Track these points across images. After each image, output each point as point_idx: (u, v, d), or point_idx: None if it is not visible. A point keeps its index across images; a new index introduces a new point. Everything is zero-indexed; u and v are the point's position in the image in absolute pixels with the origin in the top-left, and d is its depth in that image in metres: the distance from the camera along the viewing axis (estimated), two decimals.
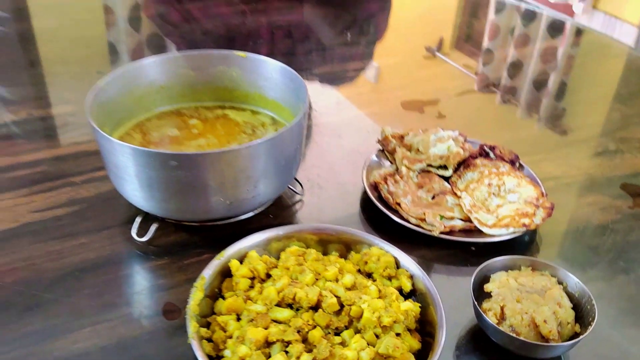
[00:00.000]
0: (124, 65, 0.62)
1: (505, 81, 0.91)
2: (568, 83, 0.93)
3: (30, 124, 0.74)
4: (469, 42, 1.05)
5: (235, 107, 0.68)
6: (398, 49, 1.04)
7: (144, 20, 1.11)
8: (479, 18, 1.18)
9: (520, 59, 0.98)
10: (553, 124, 0.81)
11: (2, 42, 0.97)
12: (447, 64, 0.95)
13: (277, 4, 1.11)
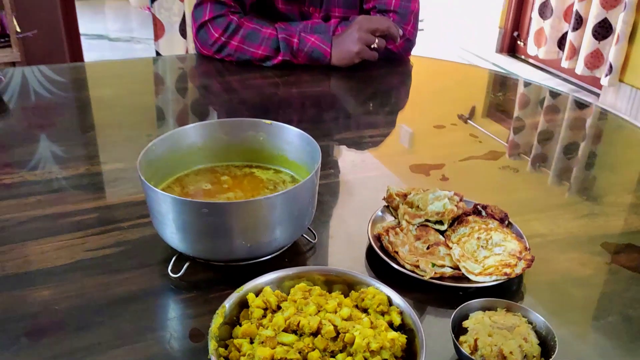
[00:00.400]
0: (170, 131, 0.74)
1: (534, 150, 1.00)
2: (574, 154, 1.02)
3: (88, 178, 0.87)
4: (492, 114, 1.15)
5: (260, 166, 0.79)
6: (414, 119, 1.15)
7: (190, 89, 1.27)
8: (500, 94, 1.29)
9: (545, 129, 1.07)
10: (545, 188, 0.89)
11: (61, 107, 1.12)
12: (458, 133, 1.05)
13: (306, 77, 1.25)
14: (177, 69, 1.38)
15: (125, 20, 4.59)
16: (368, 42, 1.23)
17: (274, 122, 0.77)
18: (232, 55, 1.27)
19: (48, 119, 1.06)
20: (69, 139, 1.00)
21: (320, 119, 1.13)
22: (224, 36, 1.25)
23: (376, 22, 1.25)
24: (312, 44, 1.24)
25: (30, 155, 0.91)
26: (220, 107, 1.19)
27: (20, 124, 1.05)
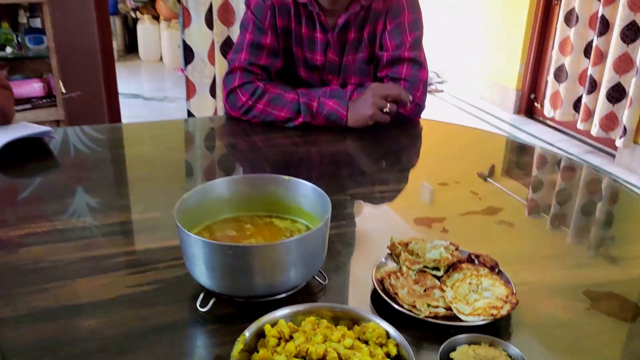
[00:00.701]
0: (201, 184, 0.86)
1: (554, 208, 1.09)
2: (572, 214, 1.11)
3: (129, 225, 0.99)
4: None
5: (279, 216, 0.90)
6: (421, 177, 1.26)
7: (219, 147, 1.40)
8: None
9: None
10: (537, 241, 0.98)
11: (102, 163, 1.26)
12: (460, 190, 1.15)
13: (324, 137, 1.37)
14: (207, 129, 1.52)
15: (159, 81, 4.86)
16: (381, 106, 1.35)
17: (292, 178, 0.88)
18: (258, 117, 1.40)
19: (92, 173, 1.20)
20: (111, 191, 1.13)
21: (336, 175, 1.24)
22: (251, 100, 1.39)
23: (388, 88, 1.38)
24: (330, 108, 1.37)
25: (79, 205, 1.04)
26: (246, 163, 1.32)
27: (66, 176, 1.18)
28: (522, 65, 4.15)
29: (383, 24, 1.46)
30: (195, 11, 2.83)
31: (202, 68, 2.98)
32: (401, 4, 1.45)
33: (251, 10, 1.45)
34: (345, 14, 1.43)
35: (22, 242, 0.90)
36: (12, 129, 1.24)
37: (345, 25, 1.45)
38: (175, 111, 4.10)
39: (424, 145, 1.48)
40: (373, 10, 1.45)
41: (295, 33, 1.47)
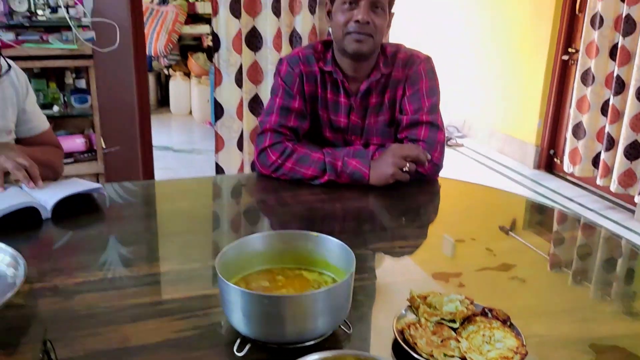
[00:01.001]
0: (239, 239, 0.96)
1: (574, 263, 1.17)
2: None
3: (171, 275, 1.08)
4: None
5: (308, 269, 0.99)
6: (440, 233, 1.34)
7: (250, 202, 1.50)
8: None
9: None
10: (553, 296, 1.05)
11: (145, 218, 1.37)
12: (476, 247, 1.23)
13: (348, 194, 1.47)
14: (239, 186, 1.64)
15: (189, 133, 5.07)
16: (401, 166, 1.45)
17: (320, 234, 0.98)
18: (287, 175, 1.51)
19: (136, 226, 1.31)
20: (154, 243, 1.23)
21: (359, 230, 1.33)
22: (280, 159, 1.51)
23: (407, 149, 1.48)
24: (354, 167, 1.47)
25: (125, 256, 1.14)
26: (275, 218, 1.42)
27: (113, 229, 1.30)
28: (540, 122, 4.25)
29: (402, 90, 1.58)
30: (226, 71, 3.01)
31: (231, 123, 3.13)
32: (419, 72, 1.57)
33: (281, 77, 1.58)
34: (367, 81, 1.56)
35: (77, 290, 1.00)
36: (65, 185, 1.36)
37: (367, 90, 1.57)
38: (204, 163, 4.26)
39: (442, 203, 1.57)
40: (393, 77, 1.57)
41: (321, 98, 1.60)
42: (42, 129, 1.65)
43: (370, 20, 1.46)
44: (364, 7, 1.45)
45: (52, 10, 2.48)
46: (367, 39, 1.47)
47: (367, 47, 1.49)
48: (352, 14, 1.46)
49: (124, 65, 2.86)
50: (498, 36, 4.59)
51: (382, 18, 1.48)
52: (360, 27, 1.46)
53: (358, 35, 1.47)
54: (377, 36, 1.49)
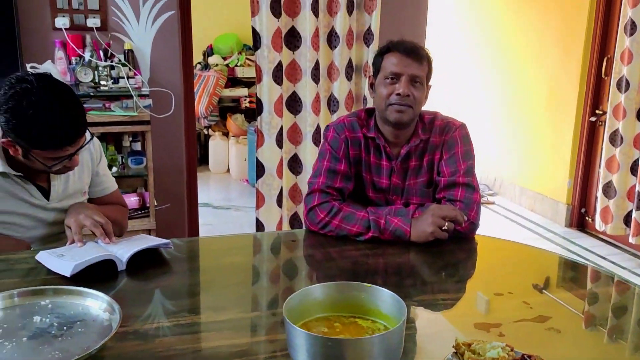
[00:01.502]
0: (301, 289, 1.08)
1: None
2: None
3: (238, 322, 1.21)
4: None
5: (362, 317, 1.10)
6: (478, 287, 1.44)
7: (299, 257, 1.63)
8: None
9: None
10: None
11: (206, 271, 1.51)
12: (513, 300, 1.32)
13: (390, 250, 1.59)
14: (289, 241, 1.77)
15: (226, 191, 5.27)
16: (440, 225, 1.57)
17: (372, 286, 1.10)
18: (333, 231, 1.64)
19: (202, 277, 1.45)
20: (221, 293, 1.37)
21: (402, 283, 1.44)
22: (328, 217, 1.64)
23: (446, 210, 1.60)
24: (396, 225, 1.59)
25: (194, 304, 1.28)
26: (322, 271, 1.54)
27: (179, 281, 1.43)
28: (571, 181, 4.32)
29: (440, 154, 1.72)
30: (268, 133, 3.20)
31: (271, 181, 3.30)
32: (455, 137, 1.72)
33: (328, 142, 1.74)
34: (407, 146, 1.70)
35: (155, 334, 1.13)
36: (136, 240, 1.52)
37: (407, 155, 1.72)
38: (242, 219, 4.42)
39: (479, 259, 1.67)
40: (431, 143, 1.72)
41: (365, 161, 1.75)
42: (112, 190, 1.84)
43: (410, 93, 1.62)
44: (405, 82, 1.62)
45: (114, 81, 2.73)
46: (407, 110, 1.63)
47: (407, 116, 1.64)
48: (394, 88, 1.63)
49: (175, 129, 3.09)
50: (526, 97, 4.74)
51: (420, 91, 1.64)
52: (401, 99, 1.62)
53: (399, 106, 1.63)
54: (416, 107, 1.65)
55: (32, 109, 1.38)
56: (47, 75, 1.45)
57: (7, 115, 1.39)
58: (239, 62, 5.73)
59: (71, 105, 1.44)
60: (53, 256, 1.42)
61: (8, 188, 1.55)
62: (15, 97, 1.39)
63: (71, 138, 1.44)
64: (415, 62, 1.63)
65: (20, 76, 1.42)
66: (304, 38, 3.10)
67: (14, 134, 1.42)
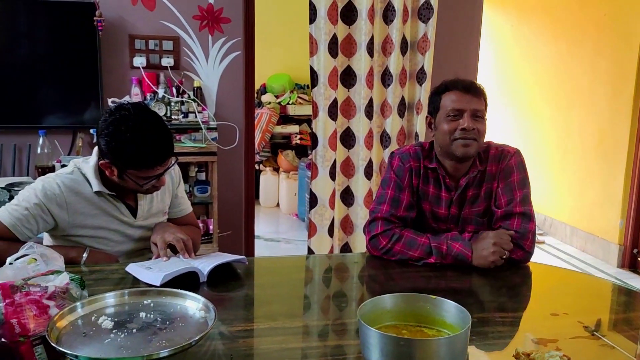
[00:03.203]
0: (372, 298, 1.20)
1: None
2: None
3: (310, 327, 1.33)
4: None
5: (427, 326, 1.20)
6: (534, 308, 1.52)
7: (362, 277, 1.74)
8: None
9: None
10: None
11: (278, 285, 1.64)
12: (567, 320, 1.40)
13: (450, 274, 1.68)
14: (352, 263, 1.89)
15: (276, 224, 5.43)
16: (501, 254, 1.66)
17: (437, 297, 1.20)
18: (395, 256, 1.75)
19: (272, 290, 1.58)
20: (295, 303, 1.49)
21: (462, 302, 1.51)
22: (390, 243, 1.75)
23: (505, 241, 1.68)
24: (457, 249, 1.69)
25: (269, 312, 1.41)
26: (384, 291, 1.63)
27: (254, 292, 1.57)
28: (622, 221, 4.29)
29: (497, 183, 1.81)
30: (322, 166, 3.36)
31: (323, 212, 3.43)
32: (510, 166, 1.81)
33: (393, 170, 1.87)
34: (466, 178, 1.81)
35: (238, 335, 1.26)
36: (214, 256, 1.67)
37: (466, 186, 1.82)
38: (292, 251, 4.55)
39: (534, 283, 1.74)
40: (488, 172, 1.82)
41: (424, 191, 1.86)
42: (188, 211, 2.01)
43: (474, 126, 1.73)
44: (468, 117, 1.74)
45: (184, 115, 2.96)
46: (472, 143, 1.74)
47: (473, 149, 1.76)
48: (457, 123, 1.75)
49: (236, 161, 3.29)
50: (577, 136, 4.77)
51: (482, 124, 1.76)
52: (467, 134, 1.73)
53: (465, 140, 1.74)
54: (480, 139, 1.76)
55: (129, 133, 1.57)
56: (142, 104, 1.65)
57: (107, 139, 1.59)
58: (290, 100, 5.98)
59: (162, 129, 1.63)
60: (142, 268, 1.58)
61: (102, 206, 1.73)
62: (115, 123, 1.58)
63: (162, 158, 1.63)
64: (475, 97, 1.75)
65: (119, 105, 1.62)
66: (358, 76, 3.28)
67: (112, 156, 1.61)
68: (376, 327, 1.18)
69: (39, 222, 1.64)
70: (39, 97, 2.93)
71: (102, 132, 1.60)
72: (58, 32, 2.91)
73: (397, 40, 3.22)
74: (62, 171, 1.73)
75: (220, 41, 3.17)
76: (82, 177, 1.72)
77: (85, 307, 1.13)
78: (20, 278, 1.12)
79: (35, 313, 1.07)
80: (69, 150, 2.97)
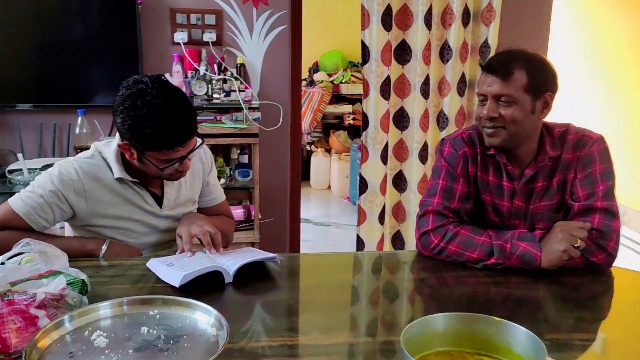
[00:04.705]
0: (420, 318, 0.98)
1: None
2: None
3: (345, 347, 1.12)
4: None
5: (488, 355, 0.97)
6: (617, 327, 1.25)
7: (410, 279, 1.52)
8: None
9: None
10: None
11: (313, 289, 1.44)
12: None
13: (514, 279, 1.43)
14: (401, 263, 1.66)
15: (327, 207, 5.24)
16: (572, 242, 1.39)
17: (503, 320, 0.96)
18: (450, 257, 1.51)
19: (306, 295, 1.38)
20: (332, 313, 1.29)
21: (531, 318, 1.28)
22: (443, 242, 1.51)
23: (575, 228, 1.40)
24: (523, 249, 1.43)
25: (302, 324, 1.21)
26: (434, 299, 1.41)
27: (285, 297, 1.38)
28: None
29: (574, 173, 1.53)
30: (373, 149, 3.12)
31: (374, 198, 3.21)
32: (592, 153, 1.52)
33: (444, 158, 1.62)
34: (534, 165, 1.54)
35: (262, 353, 1.07)
36: (243, 253, 1.48)
37: (533, 175, 1.55)
38: (342, 236, 4.36)
39: (616, 294, 1.46)
40: (563, 160, 1.54)
41: (483, 181, 1.60)
42: (220, 200, 1.83)
43: (497, 114, 1.47)
44: (490, 103, 1.48)
45: (226, 94, 2.78)
46: (498, 132, 1.49)
47: (500, 139, 1.50)
48: (482, 110, 1.50)
49: (282, 143, 3.09)
50: None
51: (512, 108, 1.47)
52: (489, 122, 1.49)
53: (488, 129, 1.51)
54: (512, 127, 1.48)
55: (146, 108, 1.39)
56: (161, 78, 1.47)
57: (122, 115, 1.42)
58: (343, 79, 5.73)
59: (183, 106, 1.45)
60: (163, 265, 1.41)
61: (124, 194, 1.58)
62: (132, 98, 1.41)
63: (182, 138, 1.44)
64: (500, 79, 1.47)
65: (136, 78, 1.45)
66: (414, 51, 3.01)
67: (130, 134, 1.43)
68: (425, 352, 0.97)
69: (55, 211, 1.50)
70: (77, 75, 2.83)
71: (118, 108, 1.43)
72: (96, 7, 2.79)
73: (458, 10, 2.92)
74: (82, 155, 1.58)
75: (265, 14, 2.96)
76: (103, 162, 1.56)
77: (76, 319, 0.96)
78: (6, 282, 0.97)
79: (19, 325, 0.92)
80: (109, 130, 2.86)
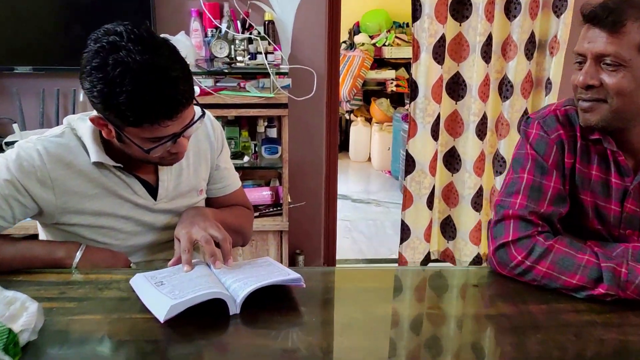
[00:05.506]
0: None
1: None
2: None
3: None
4: None
5: None
6: None
7: (481, 305, 1.12)
8: None
9: None
10: None
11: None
12: None
13: (635, 319, 1.02)
14: (470, 286, 1.25)
15: (366, 182, 4.84)
16: None
17: None
18: (539, 281, 1.10)
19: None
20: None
21: None
22: (529, 260, 1.10)
23: None
24: None
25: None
26: (519, 346, 1.00)
27: (312, 337, 1.00)
28: None
29: None
30: (422, 122, 2.70)
31: (422, 179, 2.81)
32: None
33: (531, 144, 1.20)
34: None
35: None
36: (257, 268, 1.11)
37: None
38: (383, 216, 3.97)
39: None
40: None
41: (584, 176, 1.18)
42: (235, 188, 1.46)
43: (597, 81, 1.04)
44: (588, 66, 1.05)
45: (251, 56, 2.38)
46: (596, 106, 1.07)
47: (598, 117, 1.08)
48: (578, 75, 1.07)
49: (316, 114, 2.69)
50: None
51: (619, 75, 1.03)
52: (585, 91, 1.07)
53: (583, 102, 1.08)
54: (616, 100, 1.05)
55: (120, 67, 1.01)
56: (143, 27, 1.06)
57: (90, 79, 1.04)
58: (387, 41, 5.23)
59: (169, 64, 1.04)
60: (150, 283, 1.06)
61: (105, 183, 1.22)
62: (101, 54, 1.02)
63: (170, 108, 1.05)
64: (606, 32, 1.02)
65: (108, 28, 1.06)
66: (475, 6, 2.54)
67: (101, 104, 1.06)
68: None
69: (14, 207, 1.15)
70: (82, 34, 2.47)
71: (85, 69, 1.05)
72: None
73: None
74: (49, 133, 1.22)
75: None
76: (77, 142, 1.20)
77: None
78: None
79: None
80: None
